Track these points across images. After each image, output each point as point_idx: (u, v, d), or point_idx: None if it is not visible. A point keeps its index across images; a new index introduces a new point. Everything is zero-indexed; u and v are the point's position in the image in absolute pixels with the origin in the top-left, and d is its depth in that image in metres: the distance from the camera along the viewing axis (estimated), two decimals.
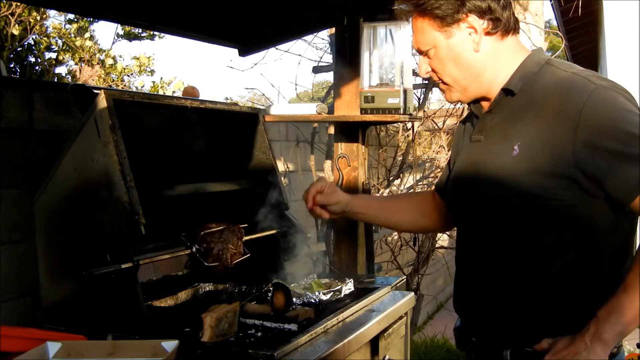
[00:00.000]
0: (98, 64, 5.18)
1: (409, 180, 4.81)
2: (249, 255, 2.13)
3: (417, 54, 1.57)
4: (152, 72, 5.64)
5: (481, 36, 1.44)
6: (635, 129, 1.28)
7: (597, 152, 1.29)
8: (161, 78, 5.59)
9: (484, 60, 1.46)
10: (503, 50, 1.47)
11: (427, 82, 4.70)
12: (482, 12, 1.42)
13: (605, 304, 1.30)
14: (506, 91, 1.46)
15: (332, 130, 3.55)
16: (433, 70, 1.52)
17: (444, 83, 1.53)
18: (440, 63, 1.49)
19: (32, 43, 4.74)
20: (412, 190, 4.53)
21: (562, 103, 1.34)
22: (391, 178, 4.72)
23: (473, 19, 1.43)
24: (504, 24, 1.45)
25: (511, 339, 1.45)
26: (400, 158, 4.83)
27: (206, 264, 2.01)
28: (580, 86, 1.34)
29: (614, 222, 1.37)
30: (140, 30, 5.72)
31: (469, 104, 1.58)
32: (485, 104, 1.54)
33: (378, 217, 1.90)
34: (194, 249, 2.00)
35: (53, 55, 4.98)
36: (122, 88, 5.25)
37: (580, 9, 4.87)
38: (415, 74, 4.36)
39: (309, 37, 4.24)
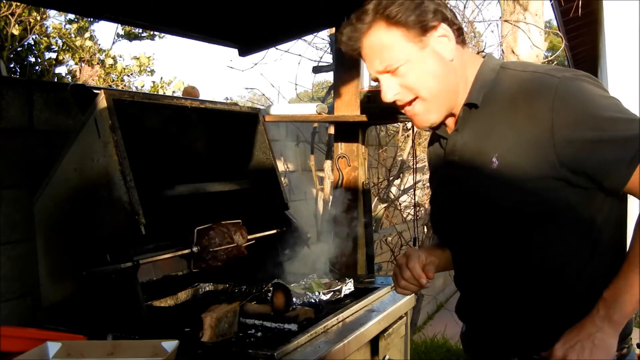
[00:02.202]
0: (98, 64, 5.18)
1: (409, 180, 4.81)
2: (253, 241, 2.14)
3: (376, 79, 1.45)
4: (152, 72, 5.64)
5: (453, 43, 1.40)
6: (607, 112, 1.26)
7: (578, 146, 1.25)
8: (161, 78, 5.59)
9: (456, 69, 1.41)
10: (466, 59, 1.44)
11: None
12: (449, 21, 1.39)
13: (610, 285, 1.28)
14: (469, 105, 1.41)
15: (332, 130, 3.55)
16: (406, 88, 1.41)
17: (417, 102, 1.42)
18: (417, 77, 1.39)
19: (32, 43, 4.74)
20: (412, 190, 4.52)
21: (531, 104, 1.31)
22: (391, 178, 4.72)
23: (444, 26, 1.39)
24: (462, 34, 1.43)
25: (518, 347, 1.42)
26: (400, 158, 4.83)
27: (205, 264, 2.02)
28: (544, 83, 1.31)
29: (612, 213, 1.34)
30: (140, 30, 5.72)
31: (434, 128, 1.51)
32: (451, 122, 1.48)
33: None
34: (194, 249, 2.00)
35: (53, 55, 4.98)
36: (122, 88, 5.25)
37: (580, 9, 4.87)
38: None
39: (309, 37, 4.24)
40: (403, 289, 1.60)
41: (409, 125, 4.72)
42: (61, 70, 5.08)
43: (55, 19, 5.05)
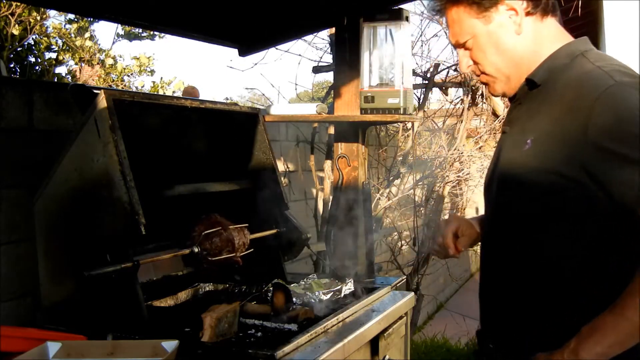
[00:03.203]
0: (98, 64, 5.17)
1: (409, 180, 4.81)
2: (252, 249, 2.14)
3: (455, 49, 1.49)
4: (152, 72, 5.64)
5: (522, 17, 1.37)
6: None
7: (603, 155, 1.21)
8: (161, 78, 5.58)
9: (525, 43, 1.39)
10: (543, 34, 1.40)
11: (427, 82, 4.70)
12: None
13: (592, 321, 1.24)
14: (529, 82, 1.40)
15: (332, 130, 3.55)
16: (475, 63, 1.45)
17: (486, 75, 1.45)
18: (481, 52, 1.42)
19: (32, 43, 4.74)
20: (412, 190, 4.53)
21: (576, 98, 1.27)
22: (391, 178, 4.72)
23: (511, 0, 1.36)
24: (544, 4, 1.38)
25: (530, 348, 1.37)
26: (400, 158, 4.83)
27: (208, 263, 2.02)
28: (596, 82, 1.26)
29: (623, 223, 1.28)
30: (140, 30, 5.72)
31: (509, 98, 1.50)
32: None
33: None
34: (195, 249, 2.01)
35: (53, 55, 4.98)
36: (122, 88, 5.25)
37: (580, 9, 4.86)
38: (415, 74, 4.35)
39: (309, 37, 4.24)
40: (435, 252, 1.65)
41: (409, 125, 4.72)
42: (61, 70, 5.08)
43: (55, 19, 5.04)
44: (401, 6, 2.62)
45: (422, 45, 4.75)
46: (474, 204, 6.86)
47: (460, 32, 1.42)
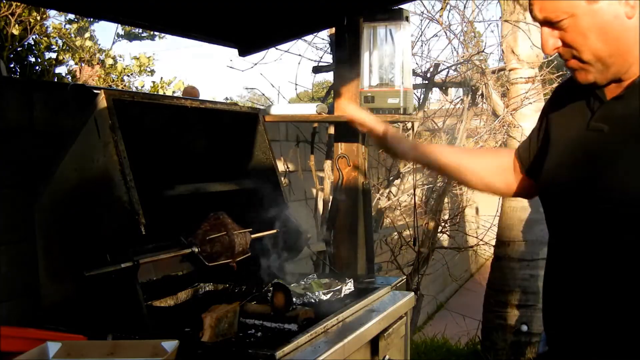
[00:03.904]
0: (98, 64, 5.17)
1: (409, 180, 4.81)
2: (249, 253, 2.14)
3: (539, 25, 1.23)
4: (152, 72, 5.63)
5: None
6: None
7: None
8: (161, 78, 5.58)
9: (636, 30, 1.16)
10: None
11: (427, 82, 4.70)
12: None
13: None
14: None
15: (332, 130, 3.55)
16: (566, 45, 1.20)
17: (581, 61, 1.21)
18: (580, 36, 1.17)
19: (32, 43, 4.73)
20: (412, 191, 4.52)
21: None
22: (391, 178, 4.72)
23: None
24: None
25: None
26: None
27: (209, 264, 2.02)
28: None
29: None
30: (140, 30, 5.72)
31: (592, 87, 1.26)
32: (614, 87, 1.23)
33: (448, 161, 1.64)
34: (195, 250, 2.00)
35: (53, 55, 4.98)
36: (122, 88, 5.25)
37: None
38: (415, 74, 4.34)
39: (309, 37, 4.24)
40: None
41: (409, 125, 4.72)
42: (61, 70, 5.08)
43: (55, 19, 5.04)
44: (401, 6, 2.62)
45: (422, 45, 4.76)
46: (474, 204, 6.87)
47: (554, 8, 1.16)
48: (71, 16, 5.12)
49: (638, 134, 1.16)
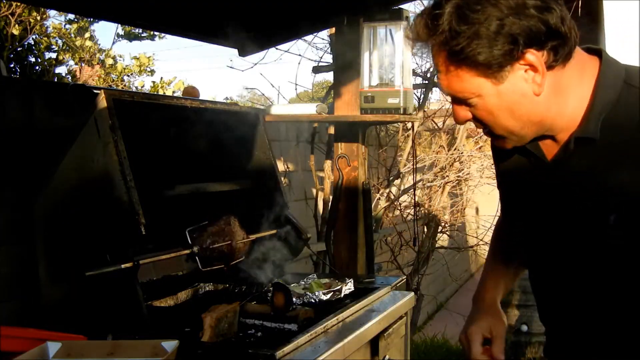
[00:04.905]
0: (98, 64, 5.17)
1: (409, 180, 4.81)
2: (242, 258, 2.14)
3: (449, 99, 1.20)
4: (152, 72, 5.63)
5: (544, 74, 1.09)
6: None
7: None
8: (161, 78, 5.57)
9: (546, 101, 1.12)
10: (567, 81, 1.13)
11: (427, 82, 4.70)
12: (542, 40, 1.06)
13: None
14: (584, 139, 1.14)
15: (332, 130, 3.55)
16: (477, 119, 1.18)
17: (493, 135, 1.21)
18: (488, 114, 1.15)
19: (32, 43, 4.73)
20: (411, 190, 4.53)
21: None
22: (391, 178, 4.72)
23: (531, 54, 1.07)
24: (569, 48, 1.10)
25: None
26: (400, 158, 4.83)
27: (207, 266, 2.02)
28: None
29: None
30: (140, 30, 5.71)
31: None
32: (550, 144, 1.21)
33: (510, 272, 1.61)
34: (195, 249, 2.01)
35: (53, 55, 4.98)
36: (122, 88, 5.25)
37: (580, 9, 4.87)
38: (415, 74, 4.34)
39: (309, 37, 4.24)
40: None
41: (409, 125, 4.72)
42: (61, 70, 5.08)
43: (55, 19, 5.04)
44: (401, 6, 2.62)
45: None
46: (474, 204, 6.87)
47: (461, 89, 1.14)
48: (71, 16, 5.12)
49: (585, 200, 1.15)
